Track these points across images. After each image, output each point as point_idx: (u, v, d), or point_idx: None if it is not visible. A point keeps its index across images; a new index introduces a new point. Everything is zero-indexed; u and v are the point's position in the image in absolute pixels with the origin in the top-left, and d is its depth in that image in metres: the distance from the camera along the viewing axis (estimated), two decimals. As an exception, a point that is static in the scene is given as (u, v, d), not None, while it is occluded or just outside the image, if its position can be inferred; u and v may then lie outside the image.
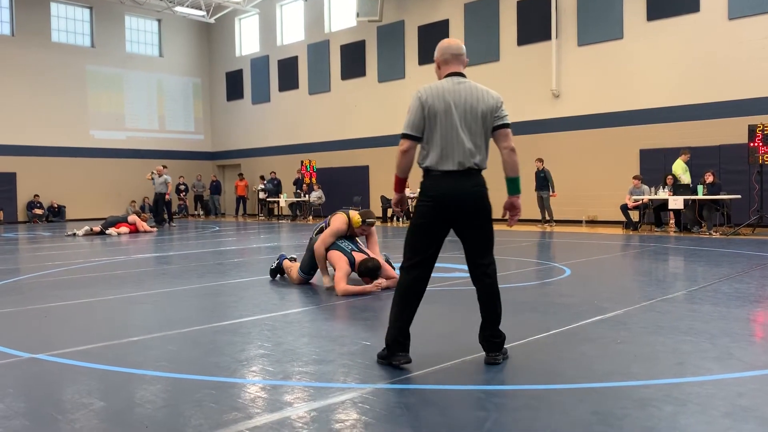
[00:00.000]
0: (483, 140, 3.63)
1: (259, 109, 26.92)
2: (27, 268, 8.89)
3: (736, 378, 3.31)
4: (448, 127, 3.52)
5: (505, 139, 3.67)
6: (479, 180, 3.67)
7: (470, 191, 3.60)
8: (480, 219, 3.67)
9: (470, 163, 3.57)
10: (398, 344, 3.54)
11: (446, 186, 3.55)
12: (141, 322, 5.09)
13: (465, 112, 3.53)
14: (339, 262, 6.23)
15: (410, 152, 3.58)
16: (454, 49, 3.68)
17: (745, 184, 13.76)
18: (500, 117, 3.61)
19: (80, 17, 25.32)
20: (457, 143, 3.52)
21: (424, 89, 3.59)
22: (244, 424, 2.75)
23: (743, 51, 14.43)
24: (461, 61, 3.69)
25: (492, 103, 3.59)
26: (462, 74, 3.66)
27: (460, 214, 3.59)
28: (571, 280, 6.90)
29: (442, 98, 3.53)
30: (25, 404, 3.06)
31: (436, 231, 3.59)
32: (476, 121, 3.55)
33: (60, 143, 24.35)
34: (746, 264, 7.91)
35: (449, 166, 3.53)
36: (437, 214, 3.56)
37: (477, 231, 3.68)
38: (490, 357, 3.63)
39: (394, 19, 21.39)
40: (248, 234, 15.56)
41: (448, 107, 3.51)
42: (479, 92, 3.59)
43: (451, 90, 3.56)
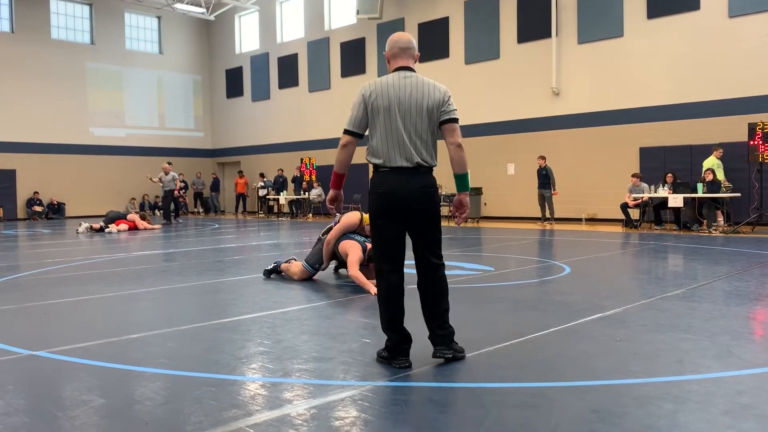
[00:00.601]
0: (429, 136, 3.54)
1: (259, 106, 26.90)
2: (27, 265, 8.89)
3: (736, 376, 3.31)
4: (391, 124, 3.47)
5: (452, 134, 3.56)
6: (429, 179, 3.56)
7: (417, 190, 3.50)
8: (429, 218, 3.57)
9: (417, 159, 3.48)
10: (400, 349, 3.54)
11: (393, 183, 3.49)
12: (141, 319, 5.09)
13: (409, 107, 3.47)
14: (353, 248, 6.46)
15: (349, 147, 3.56)
16: (402, 43, 3.62)
17: (745, 182, 13.76)
18: (446, 112, 3.55)
19: (80, 14, 25.30)
20: (401, 139, 3.47)
21: (369, 85, 3.55)
22: (244, 421, 2.75)
23: (743, 49, 14.42)
24: (410, 55, 3.63)
25: (438, 97, 3.52)
26: (410, 68, 3.59)
27: (408, 210, 3.51)
28: (570, 278, 6.90)
29: (385, 94, 3.48)
30: (24, 401, 3.06)
31: (394, 227, 3.54)
32: (421, 116, 3.49)
33: (60, 140, 24.34)
34: (746, 262, 7.91)
35: (397, 163, 3.48)
36: (388, 210, 3.51)
37: (424, 229, 3.57)
38: (438, 351, 3.57)
39: (394, 16, 21.37)
40: (248, 231, 15.56)
41: (392, 103, 3.46)
42: (425, 87, 3.52)
43: (397, 85, 3.50)
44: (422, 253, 3.61)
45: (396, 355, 3.54)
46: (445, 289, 3.63)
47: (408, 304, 3.64)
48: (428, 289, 3.60)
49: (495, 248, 10.29)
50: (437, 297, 3.59)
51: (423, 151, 3.50)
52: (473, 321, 4.77)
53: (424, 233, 3.57)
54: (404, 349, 3.55)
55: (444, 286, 3.63)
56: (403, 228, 3.56)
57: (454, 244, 11.13)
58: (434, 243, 3.61)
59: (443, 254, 3.71)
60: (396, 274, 3.57)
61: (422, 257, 3.62)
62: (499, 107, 18.86)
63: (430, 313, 3.60)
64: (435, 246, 3.61)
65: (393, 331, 3.55)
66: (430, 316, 3.61)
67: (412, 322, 3.71)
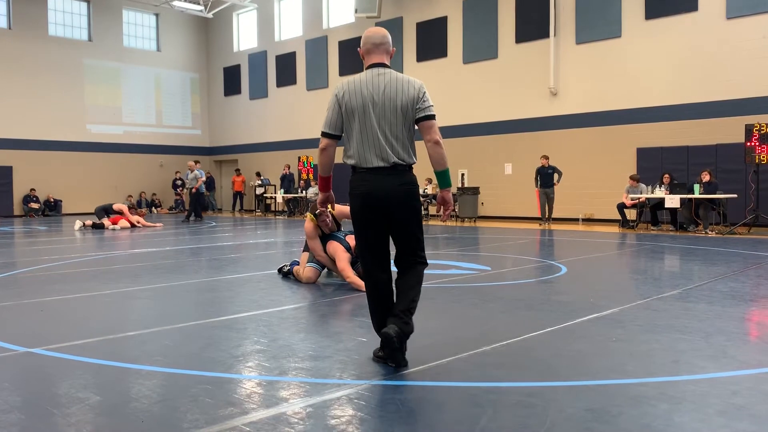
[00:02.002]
0: (406, 134, 3.46)
1: (256, 104, 26.87)
2: (23, 262, 8.87)
3: (731, 376, 3.32)
4: (366, 123, 3.41)
5: (428, 131, 3.45)
6: (407, 178, 3.49)
7: (395, 189, 3.43)
8: (408, 218, 3.49)
9: (394, 158, 3.42)
10: (395, 349, 3.46)
11: (371, 183, 3.43)
12: (137, 316, 5.09)
13: (384, 106, 3.40)
14: (337, 252, 6.40)
15: (328, 150, 3.52)
16: (375, 39, 3.52)
17: (742, 183, 13.79)
18: (422, 109, 3.44)
19: (78, 11, 25.23)
20: (377, 139, 3.40)
21: (342, 85, 3.48)
22: (240, 419, 2.75)
23: (741, 50, 14.45)
24: (384, 50, 3.53)
25: (413, 94, 3.42)
26: (384, 65, 3.51)
27: (387, 210, 3.45)
28: (567, 278, 6.91)
29: (359, 93, 3.41)
30: (20, 398, 3.06)
31: (376, 228, 3.49)
32: (396, 114, 3.41)
33: (57, 137, 24.29)
34: (742, 263, 7.93)
35: (373, 163, 3.42)
36: (368, 212, 3.46)
37: (406, 229, 3.50)
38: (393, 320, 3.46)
39: (392, 15, 21.36)
40: (245, 230, 15.54)
41: (366, 102, 3.40)
42: (400, 84, 3.43)
43: (370, 83, 3.43)
44: (403, 254, 3.56)
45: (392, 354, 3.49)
46: (419, 280, 3.53)
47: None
48: (403, 281, 3.53)
49: (492, 248, 10.30)
50: (410, 286, 3.49)
51: (399, 150, 3.43)
52: (470, 320, 4.78)
53: (405, 233, 3.52)
54: (400, 348, 3.48)
55: (419, 278, 3.54)
56: (385, 228, 3.52)
57: (451, 244, 11.14)
58: (416, 243, 3.55)
59: (428, 254, 3.70)
60: (383, 274, 3.53)
61: (403, 258, 3.57)
62: (496, 107, 18.87)
63: (398, 299, 3.50)
64: (417, 247, 3.55)
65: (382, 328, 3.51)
66: (396, 303, 3.50)
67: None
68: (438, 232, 14.02)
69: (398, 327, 3.39)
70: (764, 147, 12.41)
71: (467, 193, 17.74)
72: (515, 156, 18.50)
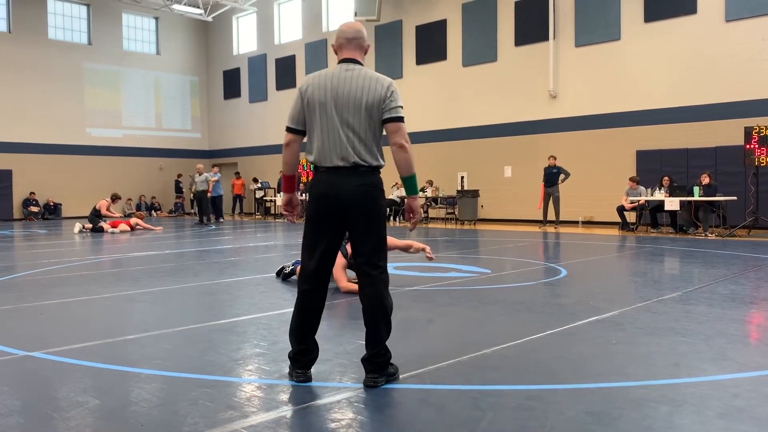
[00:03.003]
0: (370, 134, 3.23)
1: (256, 107, 26.89)
2: (23, 265, 8.86)
3: (731, 379, 3.32)
4: (327, 120, 3.22)
5: (393, 134, 3.22)
6: (369, 179, 3.25)
7: (353, 190, 3.20)
8: (365, 222, 3.23)
9: (354, 159, 3.20)
10: (296, 360, 3.30)
11: (328, 183, 3.24)
12: (137, 320, 5.08)
13: (347, 103, 3.20)
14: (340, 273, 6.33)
15: (291, 146, 3.36)
16: (348, 33, 3.35)
17: (741, 185, 13.80)
18: (388, 110, 3.21)
19: (77, 14, 25.27)
20: (337, 137, 3.21)
21: (308, 78, 3.31)
22: (240, 422, 2.75)
23: (740, 53, 14.47)
24: (357, 45, 3.35)
25: (379, 93, 3.20)
26: (355, 60, 3.32)
27: (343, 213, 3.23)
28: (567, 280, 6.91)
29: (323, 88, 3.23)
30: (20, 402, 3.05)
31: (325, 234, 3.27)
32: (359, 113, 3.20)
33: (56, 140, 24.30)
34: (742, 265, 7.93)
35: (333, 162, 3.22)
36: (322, 214, 3.26)
37: (363, 235, 3.25)
38: (369, 378, 3.23)
39: (392, 18, 21.40)
40: (244, 233, 15.54)
41: (328, 98, 3.21)
42: (367, 82, 3.22)
43: (336, 78, 3.24)
44: (360, 261, 3.28)
45: (293, 366, 3.32)
46: (381, 308, 3.24)
47: (402, 306, 3.63)
48: (366, 305, 3.28)
49: (492, 251, 10.29)
50: (374, 317, 3.25)
51: (362, 150, 3.21)
52: (470, 323, 4.77)
53: (361, 238, 3.25)
54: (302, 360, 3.30)
55: (380, 305, 3.24)
56: (337, 234, 3.29)
57: (451, 247, 11.14)
58: (373, 251, 3.25)
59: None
60: (313, 282, 3.29)
61: (360, 266, 3.29)
62: (496, 110, 18.88)
63: (367, 335, 3.28)
64: (374, 255, 3.25)
65: (296, 340, 3.31)
66: (367, 338, 3.28)
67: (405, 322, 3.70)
68: (438, 235, 14.02)
69: (381, 375, 3.24)
70: (763, 149, 12.41)
71: (467, 195, 17.74)
72: (515, 159, 18.51)
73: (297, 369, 3.31)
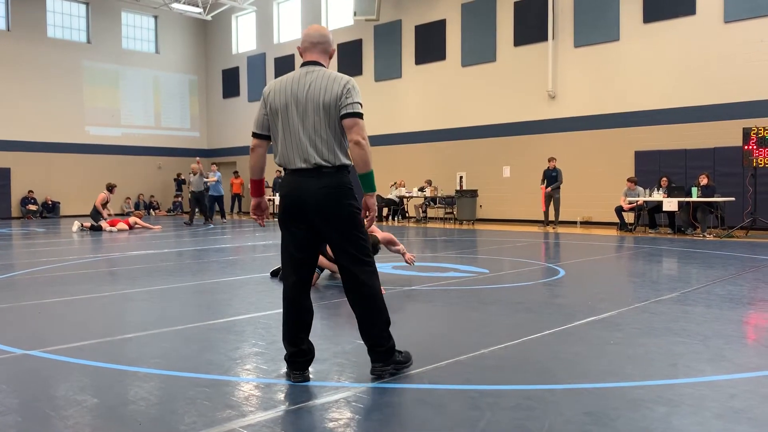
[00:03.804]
0: (330, 134, 3.22)
1: (255, 106, 26.86)
2: (21, 263, 8.86)
3: (729, 380, 3.32)
4: (288, 123, 3.25)
5: (350, 130, 3.19)
6: (333, 180, 3.22)
7: (314, 192, 3.20)
8: (334, 225, 3.24)
9: (317, 160, 3.20)
10: (292, 362, 3.33)
11: (291, 186, 3.27)
12: (135, 319, 5.08)
13: (306, 105, 3.22)
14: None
15: (257, 150, 3.39)
16: (312, 37, 3.37)
17: (739, 186, 13.82)
18: (344, 106, 3.19)
19: (76, 13, 25.24)
20: (298, 140, 3.23)
21: (270, 84, 3.36)
22: (238, 422, 2.75)
23: (738, 54, 14.48)
24: (322, 50, 3.38)
25: (336, 91, 3.19)
26: (317, 63, 3.35)
27: (309, 215, 3.24)
28: (565, 280, 6.92)
29: (284, 92, 3.27)
30: (18, 400, 3.05)
31: (296, 234, 3.29)
32: (318, 113, 3.20)
33: (55, 139, 24.27)
34: (739, 266, 7.94)
35: (296, 165, 3.25)
36: (290, 216, 3.28)
37: (335, 233, 3.25)
38: (375, 368, 3.34)
39: (391, 18, 21.39)
40: (243, 232, 15.53)
41: (288, 102, 3.25)
42: (325, 81, 3.23)
43: (296, 81, 3.27)
44: (340, 258, 3.29)
45: (289, 368, 3.34)
46: (372, 300, 3.28)
47: (400, 306, 3.64)
48: (353, 301, 3.32)
49: (490, 251, 10.30)
50: (364, 310, 3.30)
51: (324, 151, 3.21)
52: (468, 323, 4.78)
53: (337, 237, 3.25)
54: (298, 362, 3.32)
55: (370, 297, 3.27)
56: (309, 235, 3.30)
57: (449, 246, 11.14)
58: (352, 245, 3.26)
59: (427, 256, 3.65)
60: (297, 286, 3.32)
61: (341, 263, 3.30)
62: (495, 110, 18.89)
63: (361, 329, 3.34)
64: (353, 248, 3.26)
65: (289, 343, 3.34)
66: (361, 332, 3.35)
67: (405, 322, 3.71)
68: (436, 235, 14.02)
69: (385, 364, 3.35)
70: (762, 150, 12.43)
71: (465, 195, 17.75)
72: (513, 159, 18.52)
73: (294, 371, 3.33)
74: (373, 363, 3.36)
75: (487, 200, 18.75)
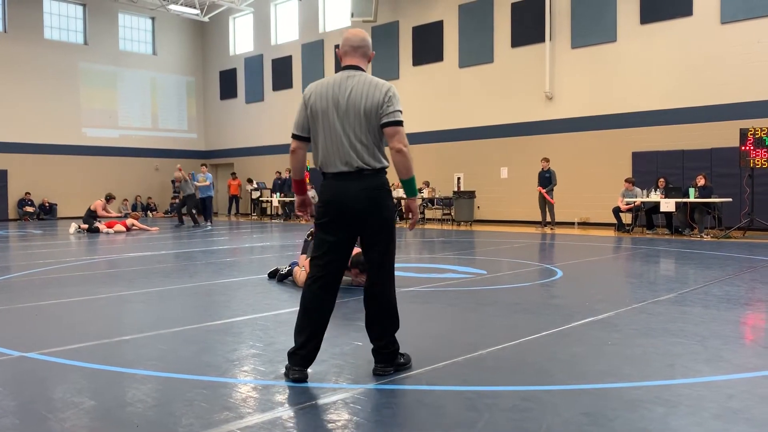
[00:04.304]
0: (371, 139, 3.30)
1: (252, 108, 26.87)
2: (18, 265, 8.84)
3: (727, 380, 3.33)
4: (329, 126, 3.30)
5: (391, 138, 3.29)
6: (372, 182, 3.31)
7: (356, 193, 3.27)
8: (373, 226, 3.33)
9: (357, 163, 3.27)
10: (295, 356, 3.34)
11: (334, 189, 3.33)
12: (132, 320, 5.07)
13: (347, 109, 3.28)
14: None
15: (297, 152, 3.45)
16: (354, 41, 3.43)
17: (737, 187, 13.84)
18: (386, 114, 3.27)
19: (73, 14, 25.21)
20: (340, 143, 3.29)
21: (311, 86, 3.41)
22: (236, 423, 2.74)
23: (735, 55, 14.52)
24: (362, 54, 3.44)
25: (377, 98, 3.27)
26: (357, 67, 3.41)
27: (354, 219, 3.31)
28: (563, 281, 6.92)
29: (325, 96, 3.32)
30: (15, 403, 3.04)
31: (333, 239, 3.34)
32: (359, 118, 3.27)
33: (52, 141, 24.24)
34: (737, 267, 7.95)
35: (337, 168, 3.31)
36: (329, 220, 3.33)
37: (371, 240, 3.36)
38: (378, 368, 3.43)
39: (388, 19, 21.41)
40: (240, 233, 15.52)
41: (329, 105, 3.30)
42: (367, 87, 3.29)
43: (338, 85, 3.33)
44: (369, 255, 3.40)
45: (290, 363, 3.36)
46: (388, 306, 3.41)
47: (401, 308, 3.64)
48: (371, 303, 3.42)
49: (488, 252, 10.30)
50: (379, 313, 3.41)
51: (365, 155, 3.28)
52: (466, 324, 4.78)
53: (371, 242, 3.36)
54: (301, 358, 3.33)
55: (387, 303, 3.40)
56: (347, 240, 3.37)
57: (447, 247, 11.14)
58: (383, 247, 3.37)
59: (425, 257, 3.67)
60: (319, 285, 3.36)
61: (369, 260, 3.41)
62: (492, 111, 18.91)
63: (371, 330, 3.44)
64: (384, 250, 3.37)
65: (299, 339, 3.35)
66: (370, 332, 3.45)
67: (405, 327, 3.71)
68: (434, 236, 14.02)
69: (388, 365, 3.45)
70: (758, 151, 12.46)
71: (463, 196, 17.76)
72: (511, 160, 18.54)
73: (294, 366, 3.34)
74: (377, 364, 3.45)
75: (485, 201, 18.76)
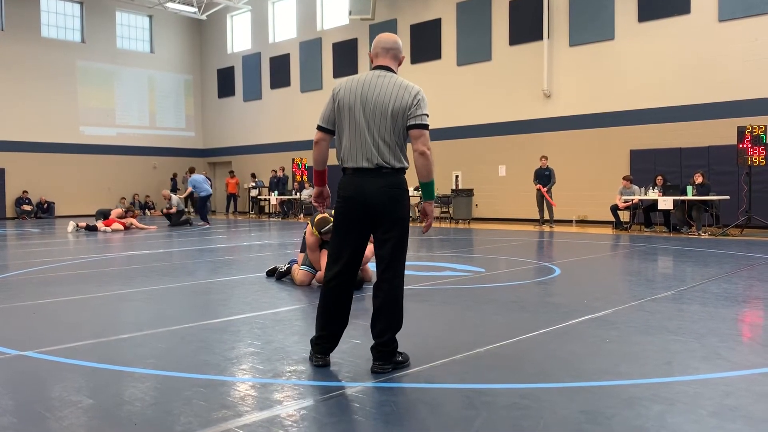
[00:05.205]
0: (394, 139, 3.39)
1: (250, 106, 26.84)
2: (15, 264, 8.82)
3: (724, 377, 3.34)
4: (354, 122, 3.40)
5: (416, 141, 3.38)
6: (392, 181, 3.41)
7: (377, 192, 3.38)
8: (388, 223, 3.42)
9: (378, 161, 3.37)
10: (319, 345, 3.54)
11: (354, 185, 3.42)
12: (130, 319, 5.07)
13: (374, 108, 3.37)
14: (322, 259, 6.33)
15: (321, 144, 3.51)
16: (386, 44, 3.55)
17: (734, 185, 13.86)
18: (413, 116, 3.37)
19: (71, 12, 25.16)
20: (363, 139, 3.38)
21: (341, 82, 3.51)
22: (234, 422, 2.74)
23: (733, 53, 14.53)
24: (393, 56, 3.56)
25: (406, 100, 3.37)
26: (388, 68, 3.52)
27: (370, 214, 3.41)
28: (560, 279, 6.93)
29: (354, 92, 3.42)
30: (13, 401, 3.04)
31: (351, 234, 3.45)
32: (385, 118, 3.36)
33: (50, 139, 24.19)
34: (734, 264, 7.97)
35: (358, 163, 3.40)
36: (348, 215, 3.44)
37: (384, 236, 3.44)
38: (376, 365, 3.47)
39: (386, 17, 21.38)
40: (239, 232, 15.52)
41: (356, 102, 3.40)
42: (395, 88, 3.40)
43: (367, 83, 3.43)
44: (381, 251, 3.47)
45: (314, 350, 3.58)
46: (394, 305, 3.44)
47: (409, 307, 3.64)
48: (378, 299, 3.46)
49: (486, 250, 10.31)
50: (383, 311, 3.45)
51: (386, 153, 3.38)
52: (464, 322, 4.78)
53: (388, 239, 3.43)
54: (323, 346, 3.55)
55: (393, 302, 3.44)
56: (363, 234, 3.47)
57: (445, 246, 11.15)
58: (395, 245, 3.44)
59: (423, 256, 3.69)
60: (338, 280, 3.47)
61: (380, 263, 3.49)
62: (490, 109, 18.91)
63: (375, 325, 3.49)
64: (395, 249, 3.44)
65: (320, 327, 3.54)
66: (373, 328, 3.50)
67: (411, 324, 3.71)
68: (432, 234, 14.03)
69: (386, 363, 3.47)
70: (756, 149, 12.47)
71: (461, 195, 17.76)
72: (509, 158, 18.54)
73: (317, 354, 3.55)
74: (375, 361, 3.48)
75: (483, 199, 18.77)
